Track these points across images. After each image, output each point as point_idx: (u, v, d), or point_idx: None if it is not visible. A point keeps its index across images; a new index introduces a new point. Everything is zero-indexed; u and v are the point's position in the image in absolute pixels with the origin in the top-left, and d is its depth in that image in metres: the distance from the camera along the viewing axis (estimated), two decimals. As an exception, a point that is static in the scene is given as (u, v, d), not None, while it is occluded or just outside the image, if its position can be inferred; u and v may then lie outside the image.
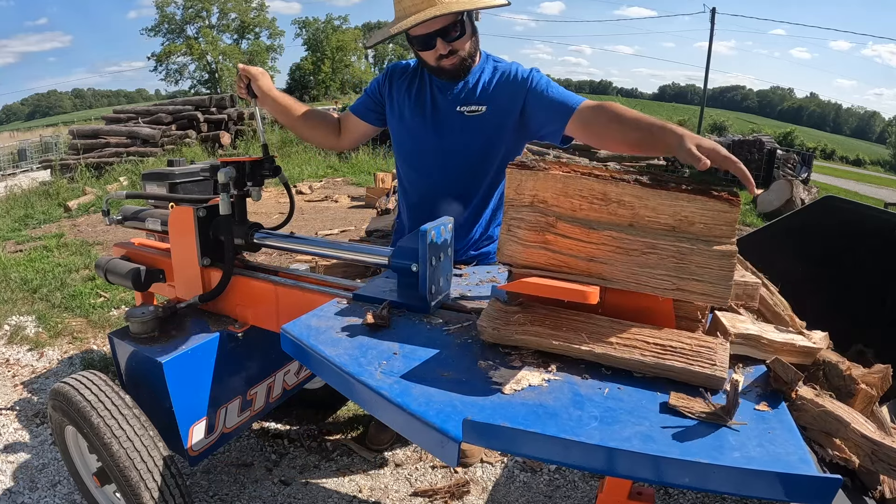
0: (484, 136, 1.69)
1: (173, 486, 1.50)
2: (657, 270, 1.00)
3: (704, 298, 0.99)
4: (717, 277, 0.97)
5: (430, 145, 1.74)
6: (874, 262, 1.91)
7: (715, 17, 25.36)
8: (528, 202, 1.06)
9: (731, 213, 0.97)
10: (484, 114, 1.67)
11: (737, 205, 0.97)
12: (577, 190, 1.03)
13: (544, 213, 1.04)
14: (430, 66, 1.66)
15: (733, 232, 0.98)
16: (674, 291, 1.00)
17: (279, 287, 1.61)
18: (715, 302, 1.00)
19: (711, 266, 0.97)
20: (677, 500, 2.01)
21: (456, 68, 1.63)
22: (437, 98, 1.72)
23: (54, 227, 6.41)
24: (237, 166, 1.67)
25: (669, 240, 0.99)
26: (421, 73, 1.77)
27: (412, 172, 1.85)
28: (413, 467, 2.17)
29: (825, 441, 0.98)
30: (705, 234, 0.98)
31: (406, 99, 1.76)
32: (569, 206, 1.04)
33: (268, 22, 49.72)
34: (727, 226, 0.97)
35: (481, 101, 1.67)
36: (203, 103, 11.14)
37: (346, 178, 9.30)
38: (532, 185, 1.05)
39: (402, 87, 1.77)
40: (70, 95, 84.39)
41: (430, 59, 1.63)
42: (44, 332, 3.43)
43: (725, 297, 0.98)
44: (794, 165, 10.82)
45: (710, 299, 0.99)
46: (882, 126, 74.43)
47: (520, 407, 0.88)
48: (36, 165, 12.22)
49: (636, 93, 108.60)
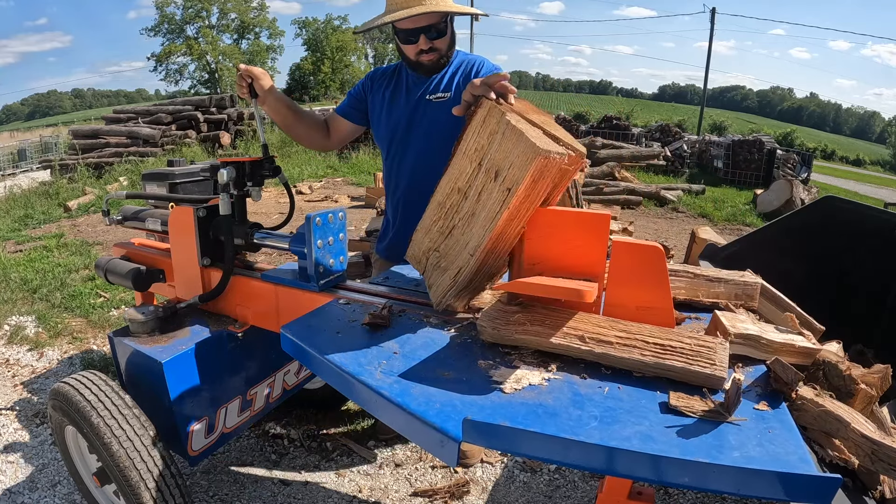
0: (451, 119, 1.75)
1: (173, 486, 1.50)
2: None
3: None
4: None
5: (403, 133, 1.88)
6: (874, 262, 1.91)
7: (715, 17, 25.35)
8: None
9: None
10: (448, 100, 1.82)
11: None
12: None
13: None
14: (410, 59, 1.80)
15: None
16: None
17: (279, 287, 1.62)
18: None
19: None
20: (677, 500, 2.01)
21: (433, 64, 1.79)
22: (411, 90, 1.87)
23: (54, 227, 6.41)
24: (237, 166, 1.68)
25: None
26: (398, 73, 1.92)
27: (392, 163, 1.97)
28: (413, 467, 2.17)
29: (825, 441, 0.98)
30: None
31: (385, 95, 1.91)
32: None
33: (268, 22, 49.69)
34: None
35: (446, 89, 1.84)
36: (203, 103, 11.13)
37: (345, 178, 9.30)
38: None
39: (382, 85, 1.93)
40: (70, 95, 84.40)
41: (410, 52, 1.77)
42: (44, 332, 3.43)
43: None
44: (794, 165, 10.81)
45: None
46: (882, 126, 74.43)
47: (520, 406, 0.88)
48: (36, 165, 12.21)
49: (636, 93, 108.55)
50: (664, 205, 7.87)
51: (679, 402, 0.87)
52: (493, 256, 1.13)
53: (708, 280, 1.30)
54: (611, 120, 12.71)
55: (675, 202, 7.91)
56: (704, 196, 8.61)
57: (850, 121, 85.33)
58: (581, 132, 11.40)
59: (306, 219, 1.45)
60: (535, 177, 0.98)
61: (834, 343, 1.21)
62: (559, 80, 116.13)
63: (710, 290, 1.29)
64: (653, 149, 10.54)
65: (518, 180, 0.98)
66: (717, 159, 11.10)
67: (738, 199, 8.62)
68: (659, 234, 6.35)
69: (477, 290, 1.25)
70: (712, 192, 8.99)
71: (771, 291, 1.33)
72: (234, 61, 46.89)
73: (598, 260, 1.07)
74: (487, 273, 1.19)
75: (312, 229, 1.45)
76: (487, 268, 1.16)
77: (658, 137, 12.50)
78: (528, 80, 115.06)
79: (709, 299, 1.29)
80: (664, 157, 10.41)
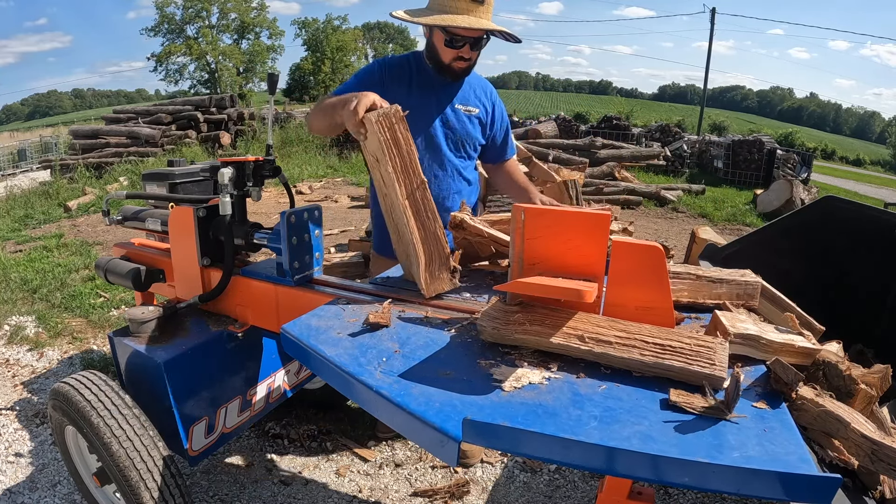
0: (474, 131, 1.99)
1: (173, 486, 1.50)
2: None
3: None
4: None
5: (429, 132, 1.92)
6: (874, 262, 1.91)
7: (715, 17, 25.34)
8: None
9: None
10: (475, 115, 1.97)
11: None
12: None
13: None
14: (443, 62, 1.82)
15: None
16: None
17: (279, 287, 1.62)
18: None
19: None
20: (677, 500, 2.01)
21: (463, 72, 1.85)
22: (442, 94, 1.92)
23: (54, 227, 6.41)
24: (237, 166, 1.68)
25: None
26: (418, 70, 1.91)
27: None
28: (413, 467, 2.17)
29: (825, 441, 0.98)
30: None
31: (411, 89, 1.90)
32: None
33: (268, 22, 49.68)
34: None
35: (474, 104, 1.97)
36: (203, 103, 11.12)
37: (345, 178, 9.29)
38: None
39: (404, 77, 1.91)
40: (70, 95, 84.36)
41: (447, 56, 1.80)
42: (44, 333, 3.43)
43: None
44: (794, 165, 10.81)
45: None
46: (882, 126, 74.39)
47: (519, 406, 0.88)
48: (36, 165, 12.18)
49: (636, 93, 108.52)
50: (664, 205, 7.87)
51: (679, 399, 0.87)
52: (428, 219, 1.33)
53: (710, 281, 1.29)
54: (611, 120, 12.71)
55: (675, 202, 7.91)
56: (704, 196, 8.61)
57: (850, 121, 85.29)
58: (581, 132, 11.40)
59: (281, 216, 1.50)
60: (381, 134, 1.26)
61: (834, 343, 1.21)
62: (559, 80, 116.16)
63: (712, 290, 1.29)
64: (653, 149, 10.54)
65: (378, 145, 1.27)
66: (717, 159, 11.10)
67: (738, 199, 8.62)
68: (659, 234, 6.35)
69: (444, 262, 1.37)
70: (712, 192, 8.99)
71: (771, 291, 1.33)
72: (234, 61, 46.89)
73: (598, 260, 1.07)
74: (438, 241, 1.35)
75: (286, 226, 1.51)
76: (433, 234, 1.34)
77: (658, 137, 12.51)
78: (529, 79, 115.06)
79: (711, 300, 1.29)
80: (664, 157, 10.41)
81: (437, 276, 1.36)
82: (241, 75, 48.30)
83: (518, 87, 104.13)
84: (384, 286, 1.51)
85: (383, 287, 1.50)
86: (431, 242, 1.34)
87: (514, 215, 1.15)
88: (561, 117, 12.17)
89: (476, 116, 1.97)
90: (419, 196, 1.32)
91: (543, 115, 18.10)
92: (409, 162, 1.31)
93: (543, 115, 18.10)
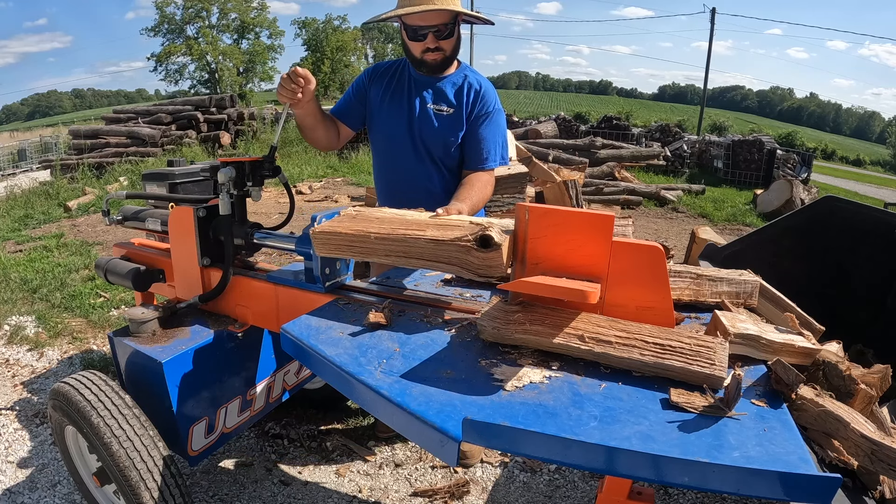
0: (447, 133, 1.90)
1: (173, 486, 1.50)
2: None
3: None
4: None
5: (401, 133, 1.91)
6: (874, 262, 1.91)
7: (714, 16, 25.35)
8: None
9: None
10: (450, 115, 1.88)
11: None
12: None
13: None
14: (415, 57, 1.82)
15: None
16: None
17: (279, 287, 1.61)
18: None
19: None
20: (677, 500, 2.01)
21: (437, 64, 1.82)
22: (413, 93, 1.89)
23: (54, 227, 6.41)
24: (237, 166, 1.68)
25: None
26: (401, 70, 1.93)
27: (384, 158, 2.00)
28: (413, 467, 2.17)
29: (825, 441, 0.98)
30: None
31: (387, 90, 1.92)
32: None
33: (268, 22, 49.66)
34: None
35: (450, 104, 1.88)
36: (203, 103, 11.12)
37: (345, 178, 9.29)
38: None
39: (383, 81, 1.93)
40: (70, 95, 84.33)
41: (416, 50, 1.80)
42: (44, 333, 3.42)
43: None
44: (794, 165, 10.82)
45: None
46: (882, 126, 74.38)
47: (519, 406, 0.88)
48: (36, 165, 12.18)
49: (636, 93, 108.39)
50: (664, 205, 7.87)
51: (680, 398, 0.87)
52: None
53: (711, 280, 1.30)
54: (611, 120, 12.72)
55: (675, 202, 7.91)
56: (704, 196, 8.61)
57: (849, 121, 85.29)
58: (581, 132, 11.41)
59: (311, 219, 1.44)
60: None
61: (834, 343, 1.21)
62: (559, 80, 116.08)
63: (712, 290, 1.29)
64: (653, 149, 10.55)
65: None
66: (717, 159, 11.10)
67: (738, 199, 8.62)
68: (659, 234, 6.35)
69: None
70: (712, 192, 8.99)
71: (771, 291, 1.33)
72: (234, 61, 46.87)
73: (601, 260, 1.07)
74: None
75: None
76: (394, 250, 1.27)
77: (658, 137, 12.50)
78: (529, 80, 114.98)
79: (712, 300, 1.29)
80: (664, 157, 10.41)
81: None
82: (241, 75, 48.30)
83: (518, 86, 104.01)
84: (384, 286, 1.51)
85: (383, 287, 1.50)
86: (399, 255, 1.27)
87: (517, 214, 1.15)
88: (561, 117, 12.18)
89: (448, 116, 1.88)
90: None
91: (543, 115, 18.10)
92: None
93: (543, 115, 18.10)
